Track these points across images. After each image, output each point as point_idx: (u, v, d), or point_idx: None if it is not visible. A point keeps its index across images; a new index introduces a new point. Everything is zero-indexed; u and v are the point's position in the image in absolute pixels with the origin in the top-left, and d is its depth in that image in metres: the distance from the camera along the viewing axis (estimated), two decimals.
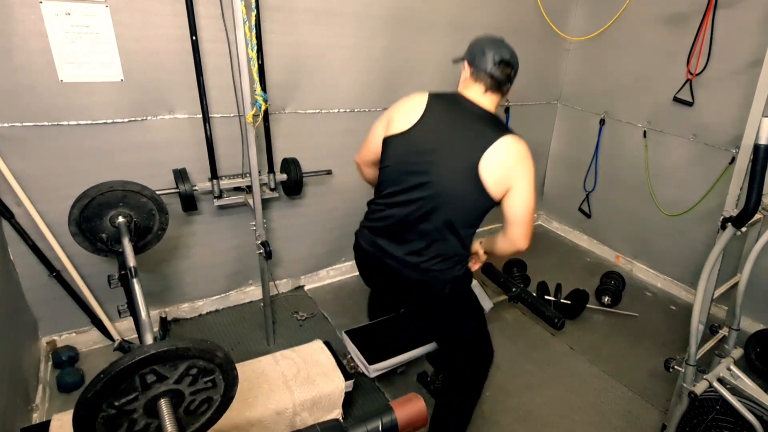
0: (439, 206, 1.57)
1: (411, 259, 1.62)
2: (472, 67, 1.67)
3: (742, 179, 1.81)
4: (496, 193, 1.55)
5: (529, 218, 1.62)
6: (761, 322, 2.72)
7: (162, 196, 1.82)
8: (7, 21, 1.82)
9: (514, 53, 1.67)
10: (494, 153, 1.51)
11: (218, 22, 2.19)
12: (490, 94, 1.66)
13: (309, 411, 1.46)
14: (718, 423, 1.85)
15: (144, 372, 0.83)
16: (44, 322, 2.29)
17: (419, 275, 1.63)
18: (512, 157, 1.54)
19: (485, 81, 1.64)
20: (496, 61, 1.62)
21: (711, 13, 2.66)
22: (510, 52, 1.65)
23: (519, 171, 1.54)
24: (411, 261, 1.62)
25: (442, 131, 1.60)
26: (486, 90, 1.65)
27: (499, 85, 1.65)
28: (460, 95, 1.69)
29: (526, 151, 1.56)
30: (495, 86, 1.65)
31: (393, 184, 1.63)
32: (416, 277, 1.64)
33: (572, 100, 3.66)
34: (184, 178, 2.19)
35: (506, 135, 1.55)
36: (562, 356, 2.55)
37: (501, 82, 1.64)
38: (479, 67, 1.64)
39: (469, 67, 1.69)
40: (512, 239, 1.69)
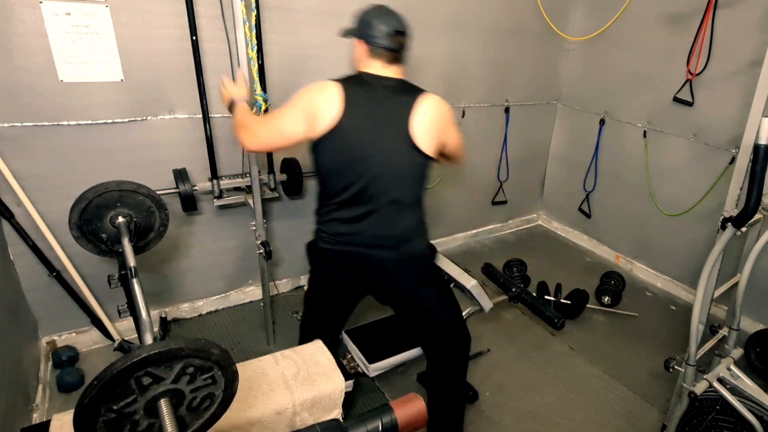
0: (390, 187, 1.62)
1: (385, 242, 1.67)
2: (366, 43, 1.63)
3: (742, 179, 1.81)
4: (432, 151, 1.64)
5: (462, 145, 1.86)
6: (761, 322, 2.72)
7: (162, 196, 1.82)
8: (7, 21, 1.82)
9: (403, 19, 1.64)
10: (421, 117, 1.59)
11: (218, 22, 2.19)
12: (392, 67, 1.65)
13: (309, 411, 1.45)
14: (718, 423, 1.85)
15: (139, 375, 0.83)
16: (44, 322, 2.30)
17: (398, 254, 1.68)
18: (437, 114, 1.64)
19: (383, 56, 1.62)
20: (389, 33, 1.59)
21: (711, 13, 2.66)
22: (399, 20, 1.62)
23: (446, 123, 1.68)
24: (386, 244, 1.67)
25: (367, 116, 1.60)
26: (386, 64, 1.64)
27: (397, 56, 1.64)
28: (364, 74, 1.65)
29: (443, 102, 1.66)
30: (394, 59, 1.64)
31: (340, 183, 1.62)
32: (396, 256, 1.68)
33: (572, 100, 3.66)
34: (184, 178, 2.19)
35: (421, 95, 1.63)
36: (562, 356, 2.55)
37: (399, 53, 1.64)
38: (374, 43, 1.61)
39: (361, 43, 1.65)
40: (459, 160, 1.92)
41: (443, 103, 1.67)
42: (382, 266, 1.70)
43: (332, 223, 1.67)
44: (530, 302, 2.05)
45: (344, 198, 1.63)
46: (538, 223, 4.18)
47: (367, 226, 1.65)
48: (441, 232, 3.60)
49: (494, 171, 3.66)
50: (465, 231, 3.74)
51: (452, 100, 3.16)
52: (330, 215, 1.67)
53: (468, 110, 3.25)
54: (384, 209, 1.64)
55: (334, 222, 1.67)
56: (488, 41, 3.13)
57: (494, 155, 3.59)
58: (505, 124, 3.51)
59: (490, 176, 3.66)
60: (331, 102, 1.57)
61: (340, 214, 1.66)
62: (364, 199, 1.62)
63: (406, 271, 1.73)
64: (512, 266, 3.17)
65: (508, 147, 3.58)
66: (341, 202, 1.64)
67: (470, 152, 3.40)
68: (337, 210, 1.66)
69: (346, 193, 1.62)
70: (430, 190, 3.33)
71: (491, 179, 3.67)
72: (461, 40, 3.02)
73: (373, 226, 1.65)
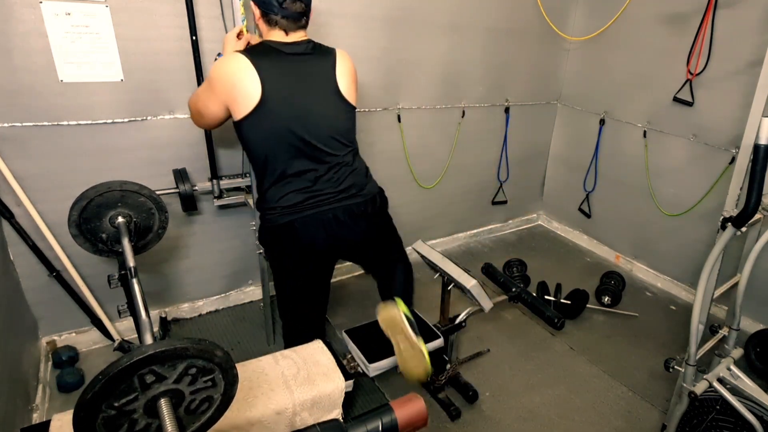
0: (335, 143, 1.68)
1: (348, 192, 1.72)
2: (261, 11, 1.60)
3: (742, 179, 1.81)
4: (352, 98, 1.73)
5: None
6: (761, 322, 2.72)
7: (162, 196, 1.82)
8: (7, 21, 1.82)
9: None
10: (341, 70, 1.69)
11: (218, 22, 2.19)
12: (293, 34, 1.63)
13: (309, 411, 1.45)
14: (718, 423, 1.85)
15: (143, 372, 0.83)
16: (44, 322, 2.30)
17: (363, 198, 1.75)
18: (351, 68, 1.74)
19: (282, 24, 1.60)
20: (280, 1, 1.56)
21: (711, 13, 2.66)
22: None
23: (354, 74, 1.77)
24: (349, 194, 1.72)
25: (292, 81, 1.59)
26: (287, 32, 1.62)
27: (297, 22, 1.61)
28: (271, 43, 1.61)
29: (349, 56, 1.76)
30: (294, 26, 1.61)
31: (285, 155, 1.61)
32: (361, 200, 1.74)
33: (572, 100, 3.66)
34: (184, 178, 2.19)
35: (332, 50, 1.71)
36: (562, 356, 2.55)
37: (296, 19, 1.60)
38: (269, 12, 1.58)
39: (258, 10, 1.61)
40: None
41: (345, 53, 1.75)
42: (352, 214, 1.73)
43: (289, 195, 1.65)
44: (530, 302, 2.05)
45: (295, 169, 1.63)
46: (538, 223, 4.18)
47: (326, 185, 1.68)
48: (441, 232, 3.60)
49: (494, 171, 3.66)
50: (465, 231, 3.74)
51: (452, 100, 3.16)
52: (284, 190, 1.65)
53: (468, 110, 3.25)
54: (335, 165, 1.68)
55: (291, 194, 1.65)
56: (488, 41, 3.13)
57: (494, 155, 3.60)
58: (505, 124, 3.51)
59: (490, 176, 3.66)
60: (247, 76, 1.53)
61: (295, 185, 1.64)
62: (314, 162, 1.65)
63: (375, 210, 1.80)
64: (512, 266, 3.17)
65: (508, 147, 3.59)
66: (293, 174, 1.63)
67: (470, 152, 3.42)
68: (290, 182, 1.64)
69: (296, 163, 1.62)
70: (430, 190, 3.33)
71: (491, 179, 3.67)
72: (461, 40, 3.02)
73: (332, 183, 1.68)
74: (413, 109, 3.00)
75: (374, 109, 2.83)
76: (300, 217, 1.65)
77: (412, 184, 3.22)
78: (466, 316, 2.03)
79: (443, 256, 2.01)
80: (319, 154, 1.65)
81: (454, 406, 2.15)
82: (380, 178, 3.02)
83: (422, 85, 2.99)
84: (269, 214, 1.68)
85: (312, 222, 1.67)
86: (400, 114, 2.95)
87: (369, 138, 2.85)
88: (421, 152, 3.15)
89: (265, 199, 1.69)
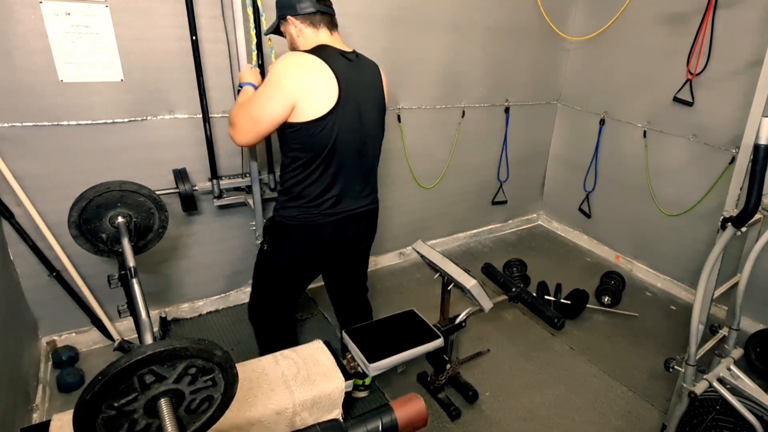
0: (373, 152, 1.79)
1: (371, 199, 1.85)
2: (301, 18, 1.60)
3: (742, 179, 1.81)
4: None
5: None
6: (761, 322, 2.72)
7: (162, 196, 1.82)
8: (7, 21, 1.82)
9: None
10: (384, 82, 1.77)
11: (218, 22, 2.19)
12: (336, 33, 1.66)
13: (309, 411, 1.45)
14: (718, 423, 1.85)
15: (142, 373, 0.83)
16: (44, 322, 2.30)
17: (376, 203, 1.88)
18: (385, 80, 1.80)
19: (323, 21, 1.61)
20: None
21: (711, 13, 2.66)
22: None
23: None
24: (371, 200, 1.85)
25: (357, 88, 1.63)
26: (331, 31, 1.64)
27: (334, 19, 1.66)
28: (327, 47, 1.60)
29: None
30: (332, 22, 1.65)
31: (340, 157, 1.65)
32: (375, 206, 1.88)
33: (572, 100, 3.66)
34: (184, 178, 2.19)
35: (375, 63, 1.76)
36: (562, 356, 2.55)
37: (333, 15, 1.66)
38: (309, 13, 1.58)
39: (298, 20, 1.61)
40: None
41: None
42: (369, 221, 1.87)
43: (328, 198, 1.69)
44: (530, 302, 2.04)
45: (341, 170, 1.67)
46: (538, 223, 4.18)
47: (361, 188, 1.77)
48: (441, 232, 3.60)
49: (494, 171, 3.66)
50: (465, 231, 3.74)
51: (452, 100, 3.16)
52: (330, 190, 1.69)
53: (468, 110, 3.25)
54: (368, 171, 1.80)
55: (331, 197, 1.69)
56: (488, 41, 3.13)
57: (494, 155, 3.60)
58: (505, 124, 3.51)
59: (490, 176, 3.66)
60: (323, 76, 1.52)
61: (338, 185, 1.69)
62: (357, 166, 1.72)
63: (376, 214, 1.92)
64: (512, 266, 3.17)
65: (508, 147, 3.59)
66: (336, 174, 1.67)
67: (470, 152, 3.42)
68: (334, 182, 1.68)
69: (346, 166, 1.68)
70: (430, 190, 3.33)
71: (491, 179, 3.67)
72: (461, 40, 3.02)
73: (363, 186, 1.78)
74: (413, 108, 3.00)
75: None
76: (332, 221, 1.73)
77: (412, 184, 3.22)
78: (466, 316, 2.03)
79: (443, 256, 2.01)
80: (363, 159, 1.74)
81: (454, 406, 2.15)
82: (380, 177, 3.02)
83: (422, 85, 2.99)
84: (307, 208, 1.70)
85: (339, 227, 1.77)
86: (400, 114, 2.95)
87: None
88: (421, 152, 3.15)
89: (303, 192, 1.68)
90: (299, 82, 1.50)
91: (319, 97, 1.52)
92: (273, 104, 1.52)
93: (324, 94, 1.52)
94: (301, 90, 1.50)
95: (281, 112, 1.52)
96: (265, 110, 1.53)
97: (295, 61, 1.52)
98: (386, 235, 3.25)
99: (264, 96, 1.53)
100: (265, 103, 1.53)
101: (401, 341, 1.93)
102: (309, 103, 1.52)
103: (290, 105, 1.51)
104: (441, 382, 2.18)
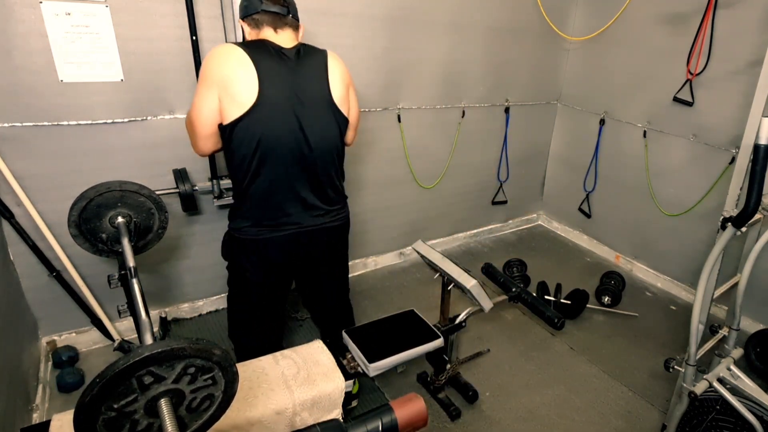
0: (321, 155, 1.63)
1: (330, 213, 1.73)
2: (248, 21, 1.56)
3: (742, 179, 1.81)
4: (345, 110, 1.64)
5: (359, 120, 1.82)
6: (761, 322, 2.72)
7: (162, 196, 1.82)
8: (7, 21, 1.82)
9: None
10: (332, 74, 1.61)
11: (218, 22, 2.19)
12: (284, 31, 1.57)
13: (309, 411, 1.45)
14: (718, 423, 1.85)
15: (140, 374, 0.83)
16: (44, 322, 2.30)
17: (340, 220, 1.77)
18: (341, 68, 1.65)
19: (268, 20, 1.54)
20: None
21: (711, 13, 2.66)
22: None
23: (348, 79, 1.68)
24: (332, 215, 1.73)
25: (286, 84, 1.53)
26: (276, 29, 1.56)
27: (285, 19, 1.56)
28: (265, 41, 1.55)
29: (342, 61, 1.68)
30: (281, 20, 1.55)
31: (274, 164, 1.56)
32: (338, 223, 1.76)
33: (572, 100, 3.66)
34: (184, 177, 2.19)
35: (324, 52, 1.64)
36: (562, 356, 2.55)
37: (283, 15, 1.55)
38: (253, 13, 1.53)
39: (245, 23, 1.58)
40: (346, 141, 1.79)
41: (338, 56, 1.67)
42: (331, 240, 1.77)
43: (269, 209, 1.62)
44: (530, 302, 2.04)
45: (279, 176, 1.58)
46: (538, 223, 4.18)
47: (312, 199, 1.66)
48: (441, 232, 3.60)
49: (494, 171, 3.66)
50: (465, 231, 3.74)
51: (452, 100, 3.16)
52: (269, 201, 1.61)
53: (468, 110, 3.25)
54: (319, 179, 1.65)
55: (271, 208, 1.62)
56: (488, 41, 3.13)
57: (494, 155, 3.60)
58: (505, 124, 3.51)
59: (490, 176, 3.66)
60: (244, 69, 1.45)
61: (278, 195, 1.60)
62: (299, 173, 1.61)
63: (343, 234, 1.83)
64: (512, 266, 3.17)
65: (508, 147, 3.59)
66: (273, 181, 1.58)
67: (470, 152, 3.42)
68: (272, 191, 1.59)
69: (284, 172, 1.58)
70: (430, 190, 3.33)
71: (491, 179, 3.67)
72: (461, 40, 3.02)
73: (316, 197, 1.67)
74: (413, 108, 3.00)
75: (374, 109, 2.83)
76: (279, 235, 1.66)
77: (412, 184, 3.22)
78: (466, 316, 2.03)
79: (443, 256, 2.01)
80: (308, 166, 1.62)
81: (454, 406, 2.15)
82: (380, 178, 3.04)
83: (422, 85, 2.99)
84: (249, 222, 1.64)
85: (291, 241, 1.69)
86: (400, 114, 2.95)
87: (369, 138, 2.85)
88: (421, 152, 3.15)
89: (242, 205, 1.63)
90: (221, 72, 1.46)
91: (239, 92, 1.46)
92: (202, 99, 1.49)
93: (244, 88, 1.46)
94: (224, 81, 1.46)
95: (211, 106, 1.49)
96: (198, 109, 1.51)
97: (217, 52, 1.50)
98: (386, 235, 3.25)
99: (196, 95, 1.52)
100: (197, 101, 1.51)
101: (401, 341, 1.93)
102: (231, 98, 1.47)
103: (216, 96, 1.47)
104: (441, 382, 2.18)
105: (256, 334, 1.87)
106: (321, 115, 1.61)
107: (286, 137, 1.55)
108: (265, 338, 1.87)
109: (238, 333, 1.92)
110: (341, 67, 1.67)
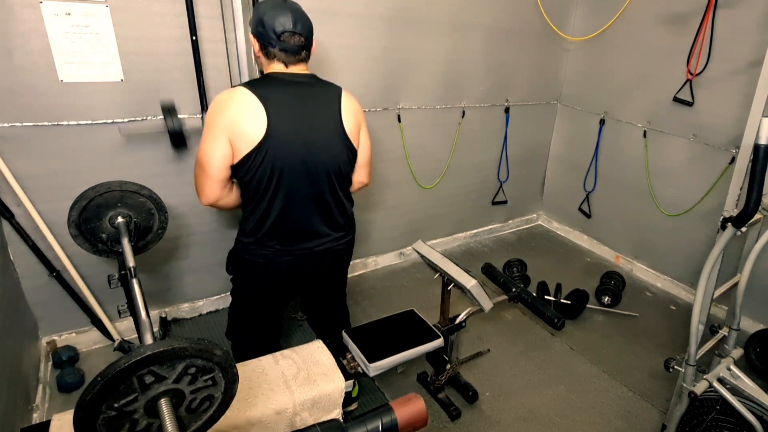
0: (331, 182, 1.66)
1: (336, 237, 1.76)
2: (260, 44, 1.56)
3: (742, 179, 1.81)
4: (356, 142, 1.69)
5: (371, 158, 1.83)
6: (761, 322, 2.72)
7: (152, 133, 1.80)
8: (7, 21, 1.82)
9: (298, 16, 1.53)
10: (345, 107, 1.65)
11: (218, 22, 2.19)
12: (296, 66, 1.59)
13: (309, 411, 1.45)
14: (718, 423, 1.85)
15: (142, 373, 0.83)
16: (44, 322, 2.29)
17: (345, 245, 1.80)
18: (354, 105, 1.70)
19: (280, 57, 1.55)
20: (278, 33, 1.50)
21: (711, 13, 2.66)
22: (293, 17, 1.51)
23: (361, 116, 1.72)
24: (337, 239, 1.76)
25: (297, 116, 1.54)
26: (288, 64, 1.58)
27: (298, 56, 1.58)
28: (273, 74, 1.58)
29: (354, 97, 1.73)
30: (293, 58, 1.57)
31: (284, 191, 1.59)
32: (344, 247, 1.80)
33: (572, 100, 3.66)
34: (172, 112, 2.15)
35: (337, 87, 1.68)
36: (562, 356, 2.55)
37: (295, 52, 1.56)
38: (266, 44, 1.53)
39: (257, 43, 1.57)
40: (362, 180, 1.84)
41: (349, 93, 1.71)
42: (335, 263, 1.82)
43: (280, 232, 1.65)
44: (530, 302, 2.04)
45: (290, 202, 1.61)
46: (538, 223, 4.18)
47: (321, 226, 1.70)
48: (441, 232, 3.60)
49: (494, 171, 3.66)
50: (465, 231, 3.74)
51: (452, 100, 3.16)
52: (278, 227, 1.64)
53: (468, 110, 3.25)
54: (328, 203, 1.69)
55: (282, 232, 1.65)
56: (488, 41, 3.13)
57: (494, 155, 3.60)
58: (505, 124, 3.51)
59: (490, 176, 3.66)
60: (250, 107, 1.48)
61: (289, 219, 1.63)
62: (310, 199, 1.64)
63: (347, 257, 1.88)
64: (512, 266, 3.17)
65: (508, 147, 3.59)
66: (286, 207, 1.61)
67: (470, 152, 3.42)
68: (284, 220, 1.63)
69: (296, 197, 1.61)
70: (430, 190, 3.33)
71: (491, 179, 3.67)
72: (461, 40, 3.02)
73: (325, 221, 1.70)
74: (413, 109, 3.00)
75: (374, 109, 2.83)
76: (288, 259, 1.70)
77: (412, 184, 3.22)
78: (466, 316, 2.03)
79: (443, 256, 2.01)
80: (317, 192, 1.64)
81: (454, 406, 2.15)
82: (380, 178, 3.04)
83: (422, 85, 2.99)
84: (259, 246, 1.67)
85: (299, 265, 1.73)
86: (400, 114, 2.95)
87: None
88: (421, 152, 3.15)
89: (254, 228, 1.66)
90: (226, 117, 1.49)
91: (248, 130, 1.49)
92: (211, 146, 1.51)
93: (251, 126, 1.49)
94: (231, 124, 1.48)
95: (223, 151, 1.51)
96: (209, 155, 1.52)
97: (221, 98, 1.53)
98: (386, 235, 3.25)
99: (203, 142, 1.54)
100: (206, 148, 1.52)
101: (401, 341, 1.93)
102: (241, 137, 1.49)
103: (227, 141, 1.50)
104: (441, 382, 2.18)
105: (255, 336, 1.92)
106: (331, 144, 1.63)
107: (297, 166, 1.58)
108: (263, 339, 1.92)
109: (236, 333, 1.95)
110: (355, 104, 1.71)
